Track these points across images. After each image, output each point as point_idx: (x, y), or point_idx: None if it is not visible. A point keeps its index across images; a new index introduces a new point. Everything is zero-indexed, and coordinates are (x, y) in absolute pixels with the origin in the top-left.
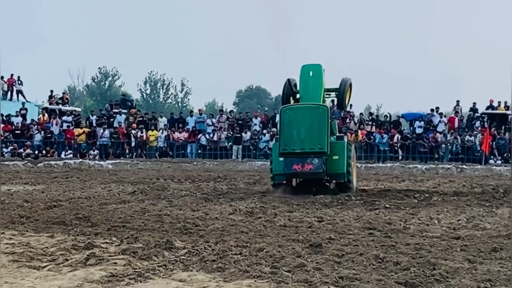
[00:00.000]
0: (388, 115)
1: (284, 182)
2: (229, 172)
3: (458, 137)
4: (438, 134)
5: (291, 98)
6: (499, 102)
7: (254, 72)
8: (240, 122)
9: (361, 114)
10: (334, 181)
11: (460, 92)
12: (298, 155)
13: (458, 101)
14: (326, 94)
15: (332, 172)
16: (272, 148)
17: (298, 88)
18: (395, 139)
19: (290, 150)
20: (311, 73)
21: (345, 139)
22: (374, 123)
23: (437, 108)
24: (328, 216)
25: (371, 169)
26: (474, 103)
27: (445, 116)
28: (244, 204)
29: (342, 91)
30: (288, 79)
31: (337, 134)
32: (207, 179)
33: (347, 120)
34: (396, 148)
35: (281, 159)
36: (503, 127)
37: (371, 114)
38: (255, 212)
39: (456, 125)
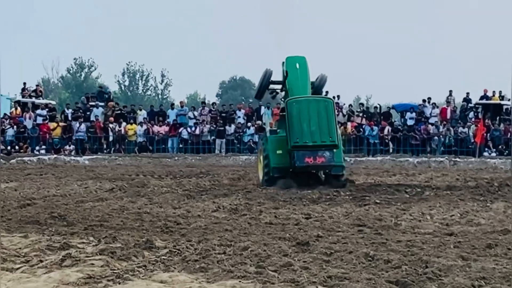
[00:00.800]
0: (378, 106)
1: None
2: (212, 167)
3: (451, 128)
4: (430, 125)
5: (267, 90)
6: (494, 92)
7: (237, 62)
8: (223, 114)
9: (350, 105)
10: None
11: (453, 82)
12: (309, 148)
13: (450, 91)
14: None
15: None
16: (269, 140)
17: (276, 79)
18: (385, 132)
19: (302, 143)
20: (297, 65)
21: (339, 131)
22: (364, 115)
23: (429, 98)
24: (315, 212)
25: (361, 163)
26: (468, 93)
27: (437, 107)
28: (228, 201)
29: (319, 86)
30: (266, 69)
31: None
32: (189, 175)
33: (335, 112)
34: (386, 140)
35: (280, 151)
36: (497, 118)
37: (362, 105)
38: (240, 209)
39: (448, 116)
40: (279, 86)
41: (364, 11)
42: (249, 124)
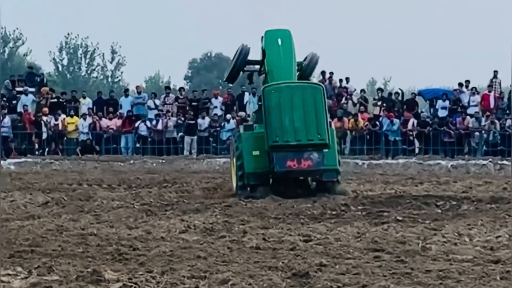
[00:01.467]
0: (399, 92)
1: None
2: (180, 174)
3: (497, 121)
4: (468, 118)
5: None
6: None
7: (213, 34)
8: (194, 104)
9: (362, 91)
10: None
11: (499, 60)
12: (292, 148)
13: (496, 72)
14: None
15: None
16: (242, 138)
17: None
18: (409, 126)
19: (283, 143)
20: (279, 41)
21: (333, 126)
22: (381, 104)
23: (467, 82)
24: (317, 233)
25: (377, 167)
26: None
27: (478, 93)
28: (201, 218)
29: (309, 69)
30: (242, 45)
31: None
32: (149, 184)
33: (343, 100)
34: (411, 137)
35: (257, 152)
36: None
37: (380, 90)
38: (217, 229)
39: (493, 105)
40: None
41: None
42: (228, 116)
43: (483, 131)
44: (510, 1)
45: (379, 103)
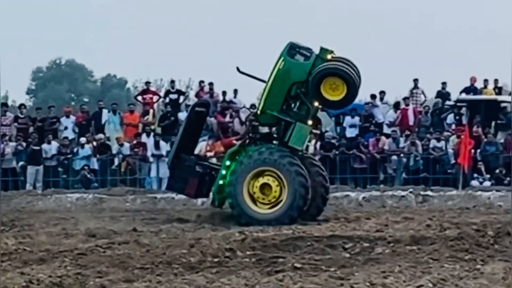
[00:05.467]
0: None
1: None
2: (20, 215)
3: (418, 142)
4: (384, 138)
5: None
6: (486, 82)
7: (64, 35)
8: (39, 124)
9: (252, 106)
10: None
11: (420, 65)
12: None
13: (416, 81)
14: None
15: None
16: None
17: None
18: (310, 149)
19: None
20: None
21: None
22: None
23: (382, 93)
24: (195, 286)
25: None
26: (444, 84)
27: (395, 107)
28: (47, 271)
29: (311, 85)
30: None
31: None
32: None
33: (228, 118)
34: None
35: None
36: (492, 124)
37: None
38: (67, 284)
39: (413, 121)
40: None
41: None
42: (82, 139)
43: (401, 155)
44: None
45: None
